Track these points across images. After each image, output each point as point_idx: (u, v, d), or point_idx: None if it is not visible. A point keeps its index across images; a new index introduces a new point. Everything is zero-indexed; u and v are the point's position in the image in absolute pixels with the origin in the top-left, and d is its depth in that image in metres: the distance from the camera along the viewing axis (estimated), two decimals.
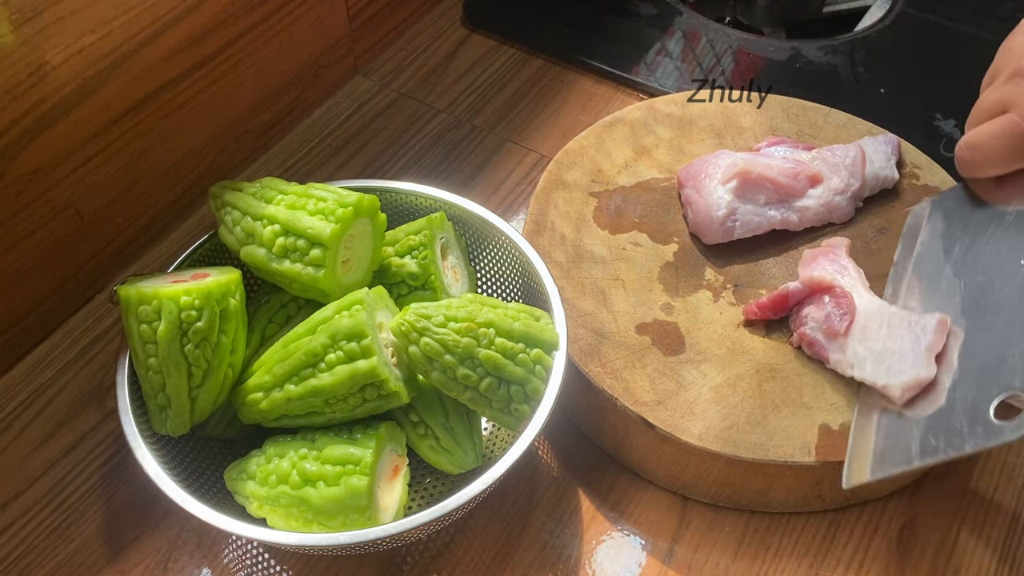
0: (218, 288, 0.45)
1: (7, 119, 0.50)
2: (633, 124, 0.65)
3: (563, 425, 0.55)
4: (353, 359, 0.44)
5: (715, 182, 0.57)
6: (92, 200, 0.58)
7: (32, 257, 0.56)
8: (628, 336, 0.53)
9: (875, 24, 0.81)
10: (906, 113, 0.72)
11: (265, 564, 0.50)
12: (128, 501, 0.52)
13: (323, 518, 0.43)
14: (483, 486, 0.42)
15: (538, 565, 0.50)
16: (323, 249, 0.46)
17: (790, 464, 0.48)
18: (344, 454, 0.43)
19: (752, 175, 0.57)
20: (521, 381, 0.45)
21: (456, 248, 0.55)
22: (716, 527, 0.51)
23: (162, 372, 0.45)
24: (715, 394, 0.51)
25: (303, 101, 0.73)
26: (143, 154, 0.60)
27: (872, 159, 0.60)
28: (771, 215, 0.58)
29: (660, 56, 0.77)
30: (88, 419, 0.55)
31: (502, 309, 0.46)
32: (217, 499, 0.47)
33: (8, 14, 0.48)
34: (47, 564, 0.50)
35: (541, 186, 0.61)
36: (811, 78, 0.75)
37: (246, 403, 0.46)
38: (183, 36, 0.59)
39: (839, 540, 0.51)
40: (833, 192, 0.59)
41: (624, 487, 0.53)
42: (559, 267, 0.56)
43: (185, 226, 0.66)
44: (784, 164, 0.58)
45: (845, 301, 0.51)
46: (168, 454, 0.46)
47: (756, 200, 0.57)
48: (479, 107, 0.74)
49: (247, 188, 0.50)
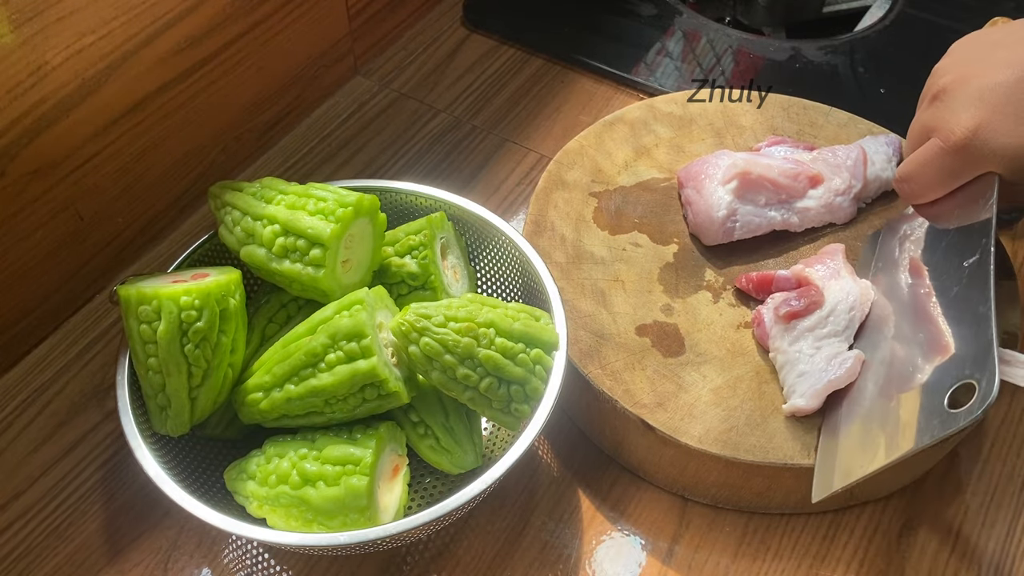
0: (218, 288, 0.45)
1: (7, 119, 0.50)
2: (633, 124, 0.65)
3: (563, 425, 0.55)
4: (353, 359, 0.44)
5: (715, 183, 0.57)
6: (92, 200, 0.58)
7: (32, 257, 0.56)
8: (628, 337, 0.53)
9: (875, 24, 0.81)
10: (906, 113, 0.71)
11: (265, 564, 0.50)
12: (128, 501, 0.52)
13: (323, 518, 0.43)
14: (483, 486, 0.42)
15: (538, 565, 0.50)
16: (323, 249, 0.46)
17: (790, 466, 0.48)
18: (344, 454, 0.43)
19: (752, 175, 0.57)
20: (521, 381, 0.45)
21: (456, 248, 0.55)
22: (716, 527, 0.51)
23: (162, 372, 0.45)
24: (715, 396, 0.51)
25: (303, 101, 0.73)
26: (143, 154, 0.60)
27: (873, 160, 0.60)
28: (771, 216, 0.58)
29: (660, 56, 0.77)
30: (88, 419, 0.55)
31: (502, 309, 0.46)
32: (217, 499, 0.47)
33: (8, 14, 0.48)
34: (47, 564, 0.50)
35: (541, 186, 0.61)
36: (811, 78, 0.75)
37: (246, 403, 0.46)
38: (183, 36, 0.59)
39: (839, 540, 0.51)
40: (834, 193, 0.58)
41: (624, 487, 0.53)
42: (559, 267, 0.56)
43: (185, 226, 0.66)
44: (784, 165, 0.58)
45: (810, 292, 0.51)
46: (168, 454, 0.46)
47: (756, 201, 0.57)
48: (479, 107, 0.74)
49: (247, 188, 0.50)
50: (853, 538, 0.51)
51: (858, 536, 0.51)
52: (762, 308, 0.53)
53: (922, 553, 0.50)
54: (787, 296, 0.52)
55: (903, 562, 0.50)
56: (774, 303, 0.52)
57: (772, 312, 0.52)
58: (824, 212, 0.58)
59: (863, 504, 0.52)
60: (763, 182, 0.57)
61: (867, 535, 0.51)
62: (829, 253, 0.55)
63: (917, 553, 0.50)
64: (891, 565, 0.50)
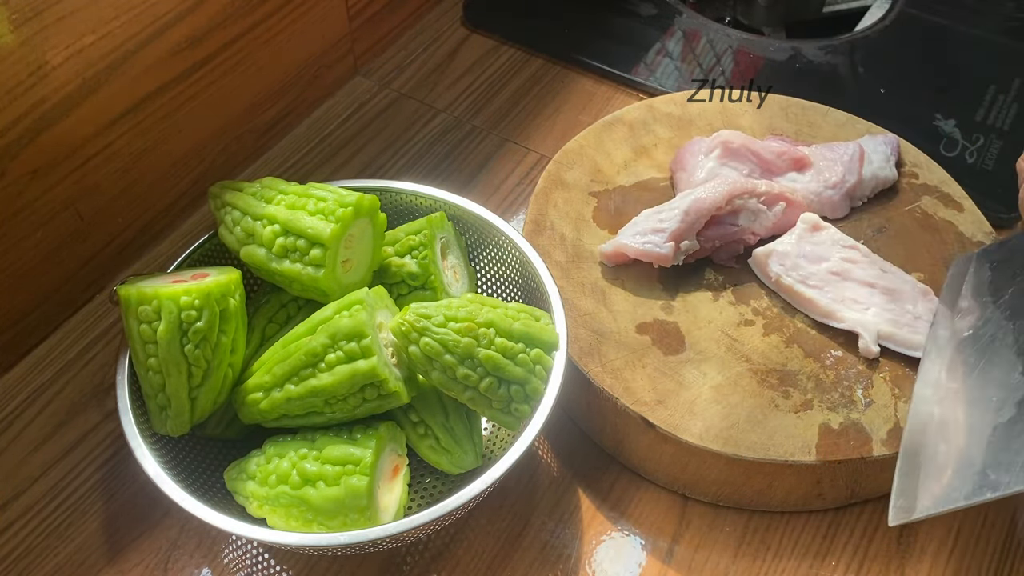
0: (218, 288, 0.45)
1: (7, 119, 0.50)
2: (632, 124, 0.65)
3: (563, 425, 0.55)
4: (353, 359, 0.44)
5: (699, 156, 0.60)
6: (92, 200, 0.58)
7: (32, 257, 0.56)
8: (628, 336, 0.53)
9: (875, 24, 0.81)
10: (906, 113, 0.72)
11: (265, 564, 0.50)
12: (128, 501, 0.52)
13: (323, 518, 0.43)
14: (483, 486, 0.42)
15: (538, 565, 0.50)
16: (323, 249, 0.46)
17: (791, 463, 0.48)
18: (344, 454, 0.43)
19: (734, 144, 0.59)
20: (521, 381, 0.45)
21: (456, 248, 0.55)
22: (716, 527, 0.51)
23: (162, 372, 0.45)
24: (715, 393, 0.51)
25: (303, 101, 0.73)
26: (143, 154, 0.60)
27: (871, 158, 0.60)
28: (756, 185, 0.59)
29: (660, 56, 0.77)
30: (88, 419, 0.55)
31: (502, 309, 0.46)
32: (217, 499, 0.47)
33: (8, 14, 0.48)
34: (47, 564, 0.50)
35: (541, 186, 0.61)
36: (811, 78, 0.75)
37: (246, 403, 0.46)
38: (183, 36, 0.59)
39: (839, 540, 0.51)
40: (825, 185, 0.59)
41: (624, 487, 0.53)
42: (559, 267, 0.56)
43: (185, 226, 0.66)
44: (770, 143, 0.60)
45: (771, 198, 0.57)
46: (168, 454, 0.46)
47: (740, 170, 0.59)
48: (479, 107, 0.74)
49: (247, 188, 0.50)
50: (853, 537, 0.51)
51: (858, 535, 0.51)
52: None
53: (922, 553, 0.50)
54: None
55: (903, 562, 0.50)
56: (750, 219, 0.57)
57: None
58: (814, 202, 0.59)
59: (863, 503, 0.52)
60: (745, 152, 0.59)
61: (867, 534, 0.51)
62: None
63: (917, 553, 0.50)
64: (891, 565, 0.50)
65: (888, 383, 0.51)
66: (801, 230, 0.56)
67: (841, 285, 0.53)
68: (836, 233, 0.56)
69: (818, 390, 0.51)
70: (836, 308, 0.53)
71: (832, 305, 0.53)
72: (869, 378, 0.51)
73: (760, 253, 0.55)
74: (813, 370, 0.52)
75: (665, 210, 0.55)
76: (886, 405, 0.50)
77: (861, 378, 0.51)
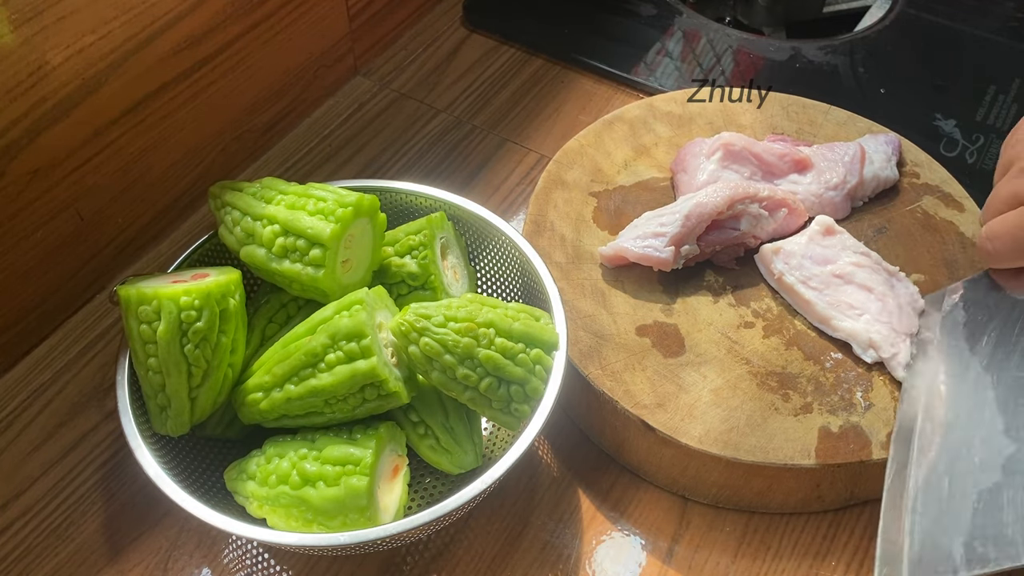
0: (218, 288, 0.45)
1: (7, 119, 0.50)
2: (632, 123, 0.65)
3: (563, 425, 0.55)
4: (353, 359, 0.44)
5: (701, 159, 0.59)
6: (92, 200, 0.58)
7: (32, 257, 0.56)
8: (628, 338, 0.53)
9: (875, 24, 0.81)
10: (906, 113, 0.72)
11: (265, 564, 0.50)
12: (128, 501, 0.52)
13: (323, 518, 0.43)
14: (483, 486, 0.42)
15: (538, 565, 0.50)
16: (323, 249, 0.46)
17: (790, 467, 0.48)
18: (344, 454, 0.43)
19: (736, 147, 0.59)
20: (521, 381, 0.45)
21: (456, 248, 0.55)
22: (716, 527, 0.51)
23: (162, 372, 0.45)
24: (715, 396, 0.51)
25: (303, 101, 0.73)
26: (143, 154, 0.60)
27: (872, 159, 0.60)
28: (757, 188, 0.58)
29: (660, 56, 0.77)
30: (88, 419, 0.55)
31: (502, 309, 0.46)
32: (217, 499, 0.47)
33: (8, 14, 0.48)
34: (47, 564, 0.50)
35: (541, 186, 0.61)
36: (811, 78, 0.75)
37: (246, 403, 0.46)
38: (183, 36, 0.59)
39: (839, 540, 0.51)
40: (826, 186, 0.59)
41: (624, 487, 0.53)
42: (559, 268, 0.56)
43: (185, 226, 0.66)
44: (772, 145, 0.60)
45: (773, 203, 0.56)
46: (168, 454, 0.46)
47: (741, 173, 0.59)
48: (479, 107, 0.74)
49: (247, 188, 0.50)
50: (853, 538, 0.51)
51: (858, 536, 0.51)
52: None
53: None
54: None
55: None
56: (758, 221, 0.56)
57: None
58: (815, 203, 0.59)
59: (863, 504, 0.52)
60: (746, 154, 0.59)
61: (867, 535, 0.51)
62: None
63: None
64: None
65: (888, 386, 0.51)
66: (813, 232, 0.55)
67: (840, 289, 0.53)
68: (849, 239, 0.55)
69: (818, 393, 0.51)
70: (832, 315, 0.52)
71: (828, 311, 0.52)
72: (869, 381, 0.51)
73: (768, 249, 0.55)
74: (813, 373, 0.52)
75: (666, 213, 0.55)
76: (886, 408, 0.50)
77: (861, 381, 0.51)
